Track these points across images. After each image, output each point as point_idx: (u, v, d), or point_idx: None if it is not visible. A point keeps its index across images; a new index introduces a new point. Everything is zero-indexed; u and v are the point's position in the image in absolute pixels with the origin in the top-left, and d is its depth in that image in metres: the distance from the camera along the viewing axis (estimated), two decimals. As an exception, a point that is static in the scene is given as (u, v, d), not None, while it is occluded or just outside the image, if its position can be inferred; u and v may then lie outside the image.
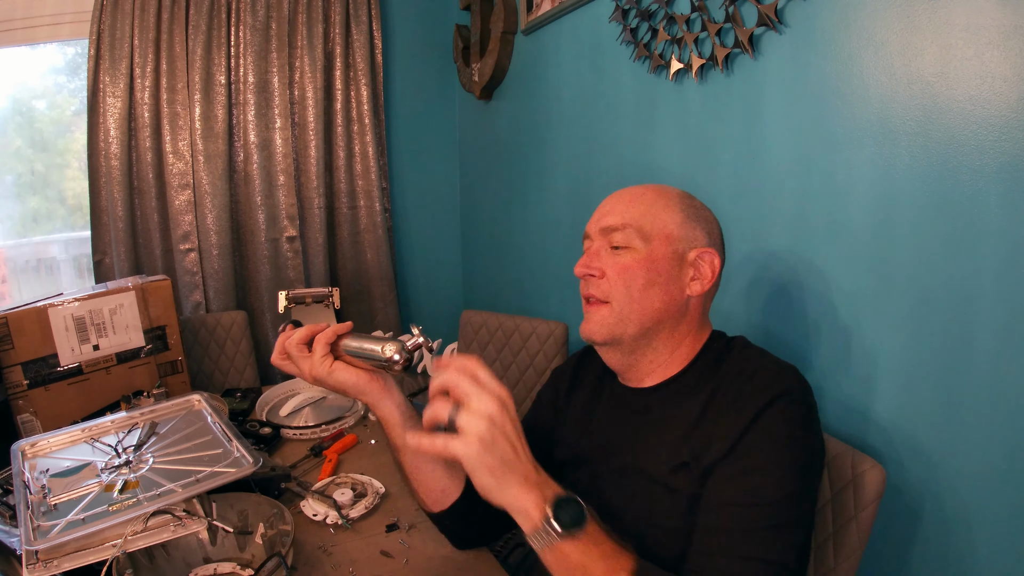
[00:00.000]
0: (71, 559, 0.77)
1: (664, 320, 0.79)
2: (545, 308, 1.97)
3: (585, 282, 0.81)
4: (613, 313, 0.78)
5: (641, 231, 0.78)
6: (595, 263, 0.80)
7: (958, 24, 0.80)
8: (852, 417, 1.00)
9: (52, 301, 1.38)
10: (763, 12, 1.05)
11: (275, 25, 2.14)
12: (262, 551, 0.90)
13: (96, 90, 1.97)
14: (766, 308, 1.16)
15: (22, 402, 1.34)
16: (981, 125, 0.79)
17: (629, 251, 0.78)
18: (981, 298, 0.81)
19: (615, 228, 0.79)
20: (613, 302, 0.78)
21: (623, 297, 0.77)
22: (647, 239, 0.78)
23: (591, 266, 0.80)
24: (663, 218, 0.79)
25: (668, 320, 0.79)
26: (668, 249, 0.78)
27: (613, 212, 0.81)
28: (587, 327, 0.81)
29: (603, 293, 0.79)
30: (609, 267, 0.79)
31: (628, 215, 0.79)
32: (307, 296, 1.68)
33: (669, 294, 0.78)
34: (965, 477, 0.85)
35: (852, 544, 0.83)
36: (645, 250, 0.78)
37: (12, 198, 2.26)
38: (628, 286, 0.77)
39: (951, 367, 0.85)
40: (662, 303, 0.78)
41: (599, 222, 0.81)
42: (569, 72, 1.73)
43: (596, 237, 0.82)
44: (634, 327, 0.78)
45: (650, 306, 0.78)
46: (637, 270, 0.77)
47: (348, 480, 1.15)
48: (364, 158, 2.35)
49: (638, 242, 0.78)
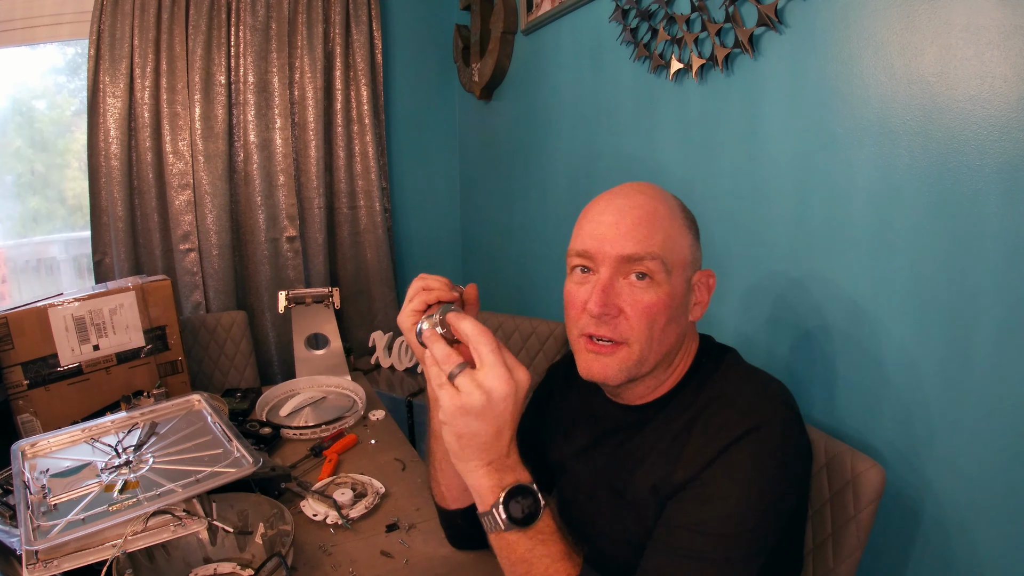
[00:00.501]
0: (71, 559, 0.77)
1: (672, 350, 0.74)
2: (545, 308, 1.97)
3: (597, 321, 0.70)
4: (633, 355, 0.70)
5: (665, 263, 0.69)
6: (613, 299, 0.69)
7: (958, 24, 0.80)
8: (852, 417, 1.00)
9: (52, 301, 1.38)
10: (763, 12, 1.05)
11: (275, 25, 2.14)
12: (262, 551, 0.90)
13: (96, 90, 1.97)
14: (765, 308, 1.16)
15: (22, 402, 1.34)
16: (981, 125, 0.79)
17: (652, 286, 0.69)
18: (981, 298, 0.81)
19: (639, 258, 0.68)
20: (633, 344, 0.70)
21: (645, 339, 0.69)
22: (670, 271, 0.70)
23: (610, 304, 0.69)
24: (681, 243, 0.72)
25: (675, 349, 0.74)
26: (683, 279, 0.72)
27: (634, 238, 0.69)
28: (601, 370, 0.71)
29: (621, 335, 0.70)
30: (629, 305, 0.69)
31: (653, 243, 0.69)
32: (307, 296, 1.68)
33: (681, 326, 0.73)
34: (965, 477, 0.85)
35: (851, 544, 0.83)
36: (667, 285, 0.70)
37: (12, 198, 2.26)
38: (651, 327, 0.69)
39: (951, 367, 0.85)
40: (676, 337, 0.73)
41: (616, 249, 0.69)
42: (569, 72, 1.73)
43: (606, 264, 0.70)
44: (650, 366, 0.72)
45: (668, 343, 0.72)
46: (662, 309, 0.69)
47: (348, 480, 1.15)
48: (364, 158, 2.35)
49: (662, 276, 0.69)
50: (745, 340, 1.19)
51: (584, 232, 0.73)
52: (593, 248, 0.71)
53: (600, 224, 0.71)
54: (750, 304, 1.19)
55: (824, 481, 0.88)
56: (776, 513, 0.65)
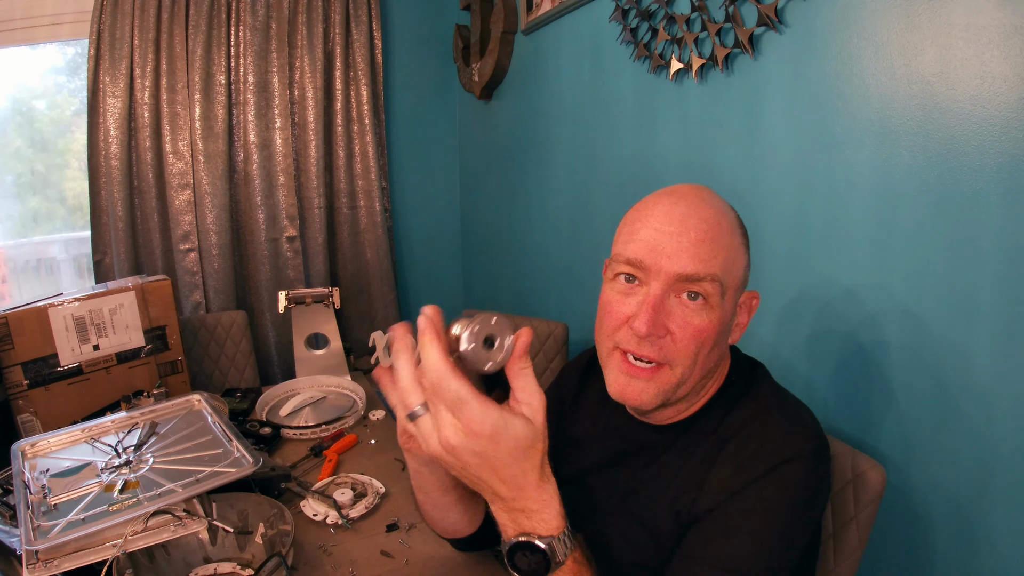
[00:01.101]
0: (71, 559, 0.77)
1: (708, 376, 0.70)
2: (545, 308, 1.96)
3: (641, 340, 0.64)
4: (673, 379, 0.65)
5: (723, 285, 0.64)
6: (663, 320, 0.64)
7: (958, 24, 0.80)
8: (852, 417, 1.00)
9: (52, 301, 1.38)
10: (763, 12, 1.05)
11: (275, 25, 2.14)
12: (262, 551, 0.90)
13: (96, 90, 1.97)
14: (765, 308, 1.16)
15: (22, 402, 1.34)
16: (981, 125, 0.79)
17: (706, 309, 0.64)
18: (981, 298, 0.81)
19: (699, 279, 0.63)
20: (676, 367, 0.65)
21: (689, 364, 0.65)
22: (724, 294, 0.65)
23: (659, 325, 0.63)
24: (738, 264, 0.67)
25: (712, 373, 0.70)
26: (733, 302, 0.67)
27: (696, 256, 0.63)
28: (636, 396, 0.66)
29: (664, 356, 0.64)
30: (678, 327, 0.64)
31: (714, 263, 0.63)
32: (307, 296, 1.68)
33: (722, 350, 0.69)
34: (965, 477, 0.85)
35: (852, 544, 0.83)
36: (720, 309, 0.65)
37: (12, 198, 2.26)
38: (698, 352, 0.64)
39: (951, 367, 0.85)
40: (715, 363, 0.69)
41: (676, 266, 0.63)
42: (569, 72, 1.73)
43: (660, 280, 0.64)
44: (686, 390, 0.67)
45: (707, 367, 0.67)
46: (711, 334, 0.64)
47: (348, 480, 1.15)
48: (364, 158, 2.35)
49: (717, 299, 0.64)
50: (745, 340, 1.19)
51: (640, 238, 0.65)
52: (649, 260, 0.64)
53: (660, 233, 0.64)
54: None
55: (824, 481, 0.88)
56: (797, 546, 0.64)
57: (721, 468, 0.66)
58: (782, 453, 0.63)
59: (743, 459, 0.65)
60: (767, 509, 0.62)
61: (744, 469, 0.64)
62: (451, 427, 0.48)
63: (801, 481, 0.63)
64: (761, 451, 0.64)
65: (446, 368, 0.47)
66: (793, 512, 0.62)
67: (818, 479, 0.64)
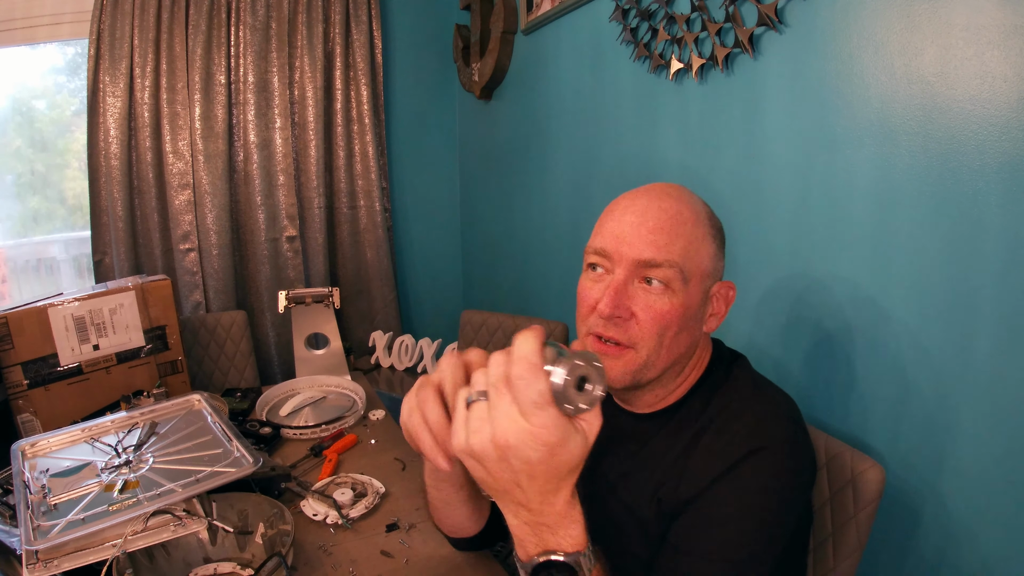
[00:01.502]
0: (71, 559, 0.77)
1: (682, 359, 0.73)
2: (545, 308, 1.97)
3: (607, 322, 0.68)
4: (639, 359, 0.69)
5: (683, 272, 0.68)
6: (625, 302, 0.68)
7: (958, 24, 0.80)
8: (852, 417, 1.00)
9: (52, 301, 1.38)
10: (763, 12, 1.05)
11: (275, 25, 2.14)
12: (262, 551, 0.90)
13: (96, 90, 1.97)
14: (765, 308, 1.16)
15: (22, 402, 1.34)
16: (981, 125, 0.79)
17: (667, 293, 0.68)
18: (981, 297, 0.81)
19: (656, 264, 0.67)
20: (640, 349, 0.68)
21: (654, 346, 0.68)
22: (687, 280, 0.68)
23: (622, 306, 0.68)
24: (702, 253, 0.70)
25: (685, 358, 0.73)
26: (700, 289, 0.70)
27: (653, 243, 0.67)
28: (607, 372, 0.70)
29: (629, 339, 0.68)
30: (641, 309, 0.68)
31: (673, 250, 0.67)
32: (307, 296, 1.68)
33: (692, 336, 0.72)
34: (965, 477, 0.85)
35: (851, 544, 0.83)
36: (683, 294, 0.68)
37: (12, 198, 2.26)
38: (662, 335, 0.68)
39: (951, 366, 0.85)
40: (686, 347, 0.72)
41: (633, 252, 0.68)
42: (569, 72, 1.73)
43: (622, 266, 0.68)
44: (656, 372, 0.70)
45: (676, 351, 0.70)
46: (674, 319, 0.68)
47: (348, 480, 1.15)
48: (364, 158, 2.35)
49: (679, 284, 0.68)
50: (744, 340, 1.19)
51: (605, 230, 0.71)
52: (611, 248, 0.69)
53: (621, 223, 0.70)
54: (749, 304, 1.19)
55: (824, 481, 0.88)
56: (781, 532, 0.65)
57: (699, 456, 0.68)
58: (756, 441, 0.65)
59: (720, 447, 0.67)
60: (745, 496, 0.64)
61: (721, 457, 0.66)
62: (513, 425, 0.45)
63: (777, 467, 0.64)
64: (736, 439, 0.66)
65: (539, 362, 0.45)
66: (772, 498, 0.64)
67: (795, 465, 0.66)
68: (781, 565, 0.66)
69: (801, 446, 0.67)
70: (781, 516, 0.64)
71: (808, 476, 0.68)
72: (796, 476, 0.66)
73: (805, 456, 0.68)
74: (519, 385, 0.44)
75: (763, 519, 0.63)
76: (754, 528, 0.63)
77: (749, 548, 0.62)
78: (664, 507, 0.70)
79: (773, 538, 0.64)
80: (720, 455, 0.66)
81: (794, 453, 0.66)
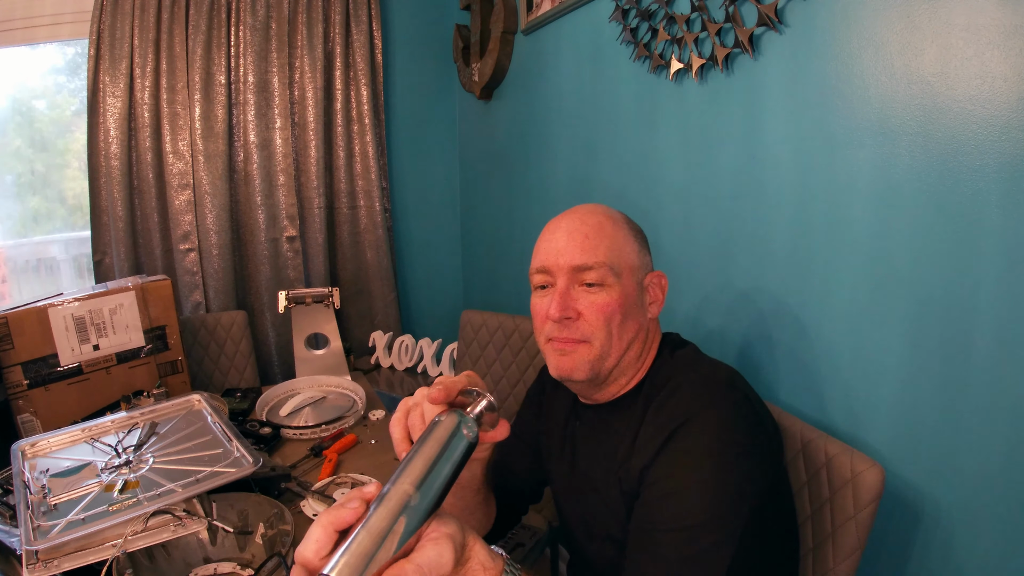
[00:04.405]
0: (71, 559, 0.77)
1: (633, 346, 0.80)
2: (545, 308, 1.96)
3: (559, 325, 0.77)
4: (594, 351, 0.77)
5: (613, 268, 0.77)
6: (571, 304, 0.77)
7: (958, 24, 0.80)
8: (852, 417, 1.00)
9: (52, 301, 1.38)
10: (763, 12, 1.05)
11: (275, 25, 2.14)
12: (262, 551, 0.90)
13: (96, 90, 1.97)
14: (765, 308, 1.16)
15: (22, 402, 1.34)
16: (981, 125, 0.79)
17: (604, 289, 0.77)
18: (981, 298, 0.81)
19: (588, 267, 0.77)
20: (594, 341, 0.77)
21: (604, 336, 0.76)
22: (618, 275, 0.78)
23: (568, 308, 0.77)
24: (626, 250, 0.79)
25: (636, 345, 0.80)
26: (633, 281, 0.79)
27: (582, 249, 0.77)
28: (566, 366, 0.78)
29: (582, 334, 0.77)
30: (585, 307, 0.77)
31: (599, 252, 0.77)
32: (307, 296, 1.68)
33: (638, 322, 0.80)
34: (965, 477, 0.85)
35: (851, 544, 0.83)
36: (618, 287, 0.77)
37: (12, 198, 2.26)
38: (608, 324, 0.76)
39: (951, 367, 0.85)
40: (634, 333, 0.79)
41: (568, 260, 0.77)
42: (569, 72, 1.73)
43: (561, 275, 0.78)
44: (613, 361, 0.78)
45: (627, 339, 0.78)
46: (616, 308, 0.77)
47: (348, 480, 1.15)
48: (364, 158, 2.35)
49: (612, 279, 0.77)
50: (745, 340, 1.19)
51: (540, 251, 0.81)
52: (549, 262, 0.79)
53: (552, 242, 0.79)
54: (749, 303, 1.19)
55: (824, 481, 0.88)
56: (733, 496, 0.67)
57: (645, 429, 0.74)
58: (689, 411, 0.70)
59: (662, 418, 0.72)
60: (685, 463, 0.68)
61: (660, 430, 0.71)
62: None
63: (711, 433, 0.68)
64: (672, 411, 0.71)
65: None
66: (719, 460, 0.67)
67: (732, 428, 0.69)
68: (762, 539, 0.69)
69: (738, 411, 0.70)
70: (726, 480, 0.67)
71: (750, 439, 0.70)
72: (733, 439, 0.68)
73: (746, 420, 0.70)
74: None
75: (706, 483, 0.67)
76: (699, 494, 0.66)
77: (699, 514, 0.65)
78: (624, 486, 0.75)
79: (724, 503, 0.66)
80: (660, 429, 0.71)
81: (728, 418, 0.69)
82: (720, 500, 0.66)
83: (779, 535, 0.80)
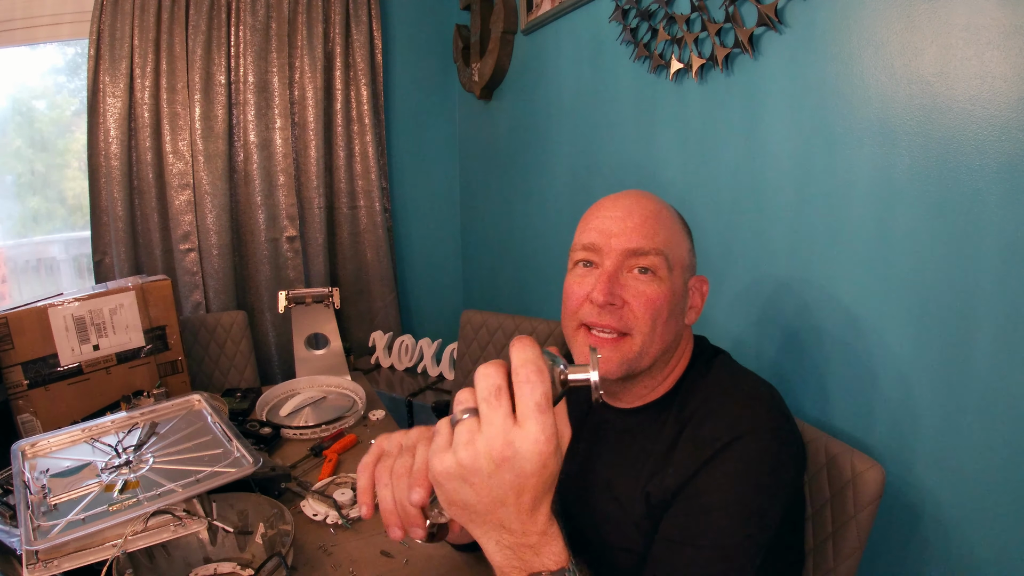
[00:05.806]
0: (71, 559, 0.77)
1: (670, 348, 0.75)
2: (545, 308, 1.96)
3: (601, 310, 0.70)
4: (635, 347, 0.70)
5: (668, 260, 0.71)
6: (617, 290, 0.70)
7: (958, 24, 0.80)
8: (852, 417, 1.00)
9: (52, 301, 1.38)
10: (763, 12, 1.05)
11: (275, 25, 2.14)
12: (262, 551, 0.90)
13: (96, 90, 1.97)
14: (766, 308, 1.16)
15: (22, 402, 1.34)
16: (981, 125, 0.79)
17: (656, 280, 0.71)
18: (981, 298, 0.81)
19: (644, 252, 0.70)
20: (636, 335, 0.70)
21: (648, 331, 0.70)
22: (671, 268, 0.72)
23: (615, 294, 0.70)
24: (682, 245, 0.74)
25: (671, 350, 0.75)
26: (682, 279, 0.74)
27: (641, 233, 0.71)
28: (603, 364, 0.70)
29: (625, 325, 0.70)
30: (632, 296, 0.70)
31: (658, 239, 0.71)
32: (307, 296, 1.68)
33: (679, 325, 0.74)
34: (965, 477, 0.85)
35: (851, 544, 0.83)
36: (669, 281, 0.71)
37: (12, 198, 2.26)
38: (654, 320, 0.70)
39: (951, 367, 0.85)
40: (673, 336, 0.74)
41: (623, 242, 0.71)
42: (569, 72, 1.73)
43: (612, 256, 0.71)
44: (649, 361, 0.72)
45: (667, 339, 0.72)
46: (664, 303, 0.70)
47: (348, 480, 1.15)
48: (364, 158, 2.35)
49: (665, 271, 0.71)
50: (745, 340, 1.19)
51: (591, 227, 0.74)
52: (600, 241, 0.72)
53: (608, 219, 0.73)
54: (750, 304, 1.19)
55: (824, 481, 0.88)
56: (768, 517, 0.65)
57: (683, 448, 0.69)
58: (736, 429, 0.66)
59: (702, 437, 0.68)
60: (730, 483, 0.65)
61: (703, 447, 0.67)
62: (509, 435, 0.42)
63: (758, 454, 0.66)
64: (718, 428, 0.67)
65: (544, 366, 0.43)
66: (756, 483, 0.65)
67: (776, 451, 0.67)
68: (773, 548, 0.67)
69: (782, 432, 0.68)
70: (766, 502, 0.65)
71: (792, 461, 0.69)
72: (778, 462, 0.67)
73: (787, 442, 0.69)
74: (524, 390, 0.42)
75: (750, 504, 0.64)
76: (740, 515, 0.64)
77: (737, 535, 0.63)
78: (653, 500, 0.71)
79: (761, 524, 0.65)
80: (703, 445, 0.67)
81: (775, 439, 0.67)
82: (753, 524, 0.64)
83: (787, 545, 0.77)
